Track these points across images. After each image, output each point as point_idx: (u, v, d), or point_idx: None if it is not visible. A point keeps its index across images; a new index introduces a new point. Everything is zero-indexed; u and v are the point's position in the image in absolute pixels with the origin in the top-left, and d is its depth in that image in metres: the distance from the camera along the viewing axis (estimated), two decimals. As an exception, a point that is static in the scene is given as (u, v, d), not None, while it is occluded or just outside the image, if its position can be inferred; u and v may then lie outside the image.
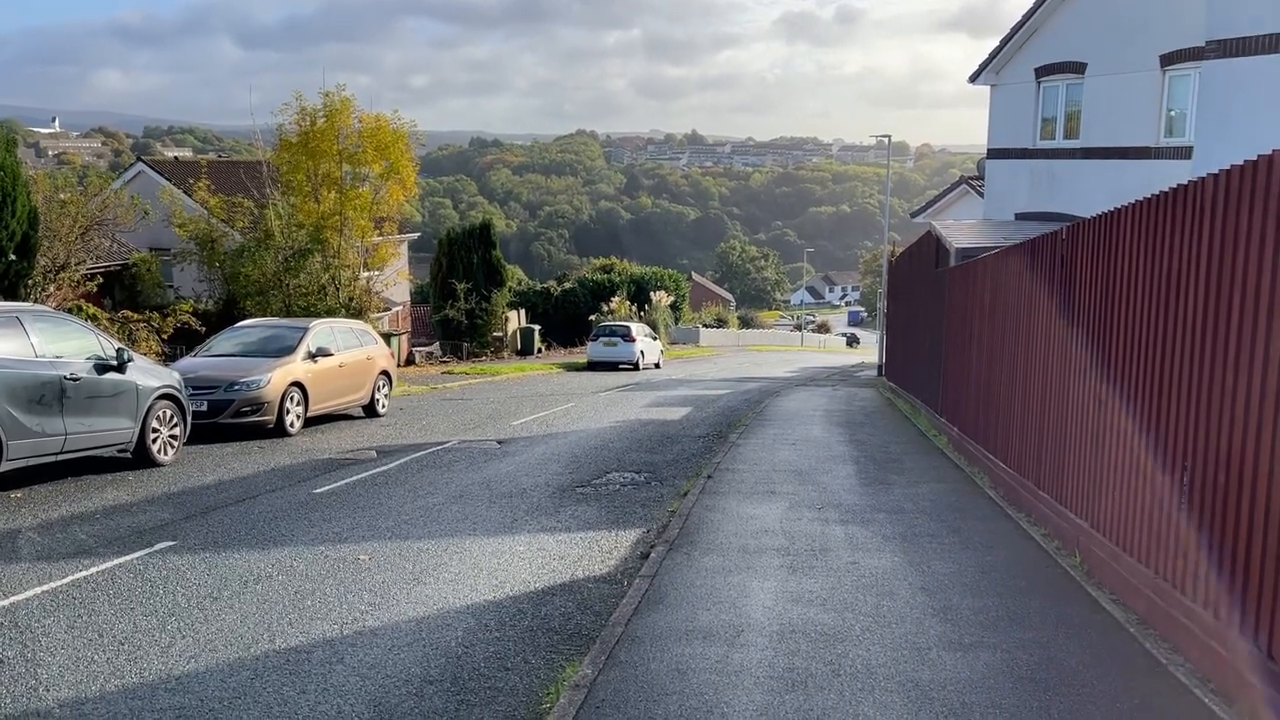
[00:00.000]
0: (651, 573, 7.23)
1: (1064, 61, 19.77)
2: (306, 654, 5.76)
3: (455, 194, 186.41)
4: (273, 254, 24.28)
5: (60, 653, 5.73)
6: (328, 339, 16.60)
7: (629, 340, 34.07)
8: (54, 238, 20.68)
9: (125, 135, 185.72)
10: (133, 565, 7.59)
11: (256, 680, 5.36)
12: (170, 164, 35.57)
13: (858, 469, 12.03)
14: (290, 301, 24.23)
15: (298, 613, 6.51)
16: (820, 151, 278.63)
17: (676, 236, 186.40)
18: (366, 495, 10.49)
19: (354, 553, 8.07)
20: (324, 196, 25.49)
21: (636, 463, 12.81)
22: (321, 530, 8.85)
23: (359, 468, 12.21)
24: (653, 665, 5.38)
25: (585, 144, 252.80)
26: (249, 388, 14.51)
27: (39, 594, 6.82)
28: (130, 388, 11.50)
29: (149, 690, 5.21)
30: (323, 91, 25.43)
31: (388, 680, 5.38)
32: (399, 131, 26.30)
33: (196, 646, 5.87)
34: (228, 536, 8.56)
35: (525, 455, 13.43)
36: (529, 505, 10.09)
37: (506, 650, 5.90)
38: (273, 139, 26.65)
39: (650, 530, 9.02)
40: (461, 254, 38.29)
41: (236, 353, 15.80)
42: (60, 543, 8.23)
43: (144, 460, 11.85)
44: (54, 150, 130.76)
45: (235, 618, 6.40)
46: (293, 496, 10.37)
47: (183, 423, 12.54)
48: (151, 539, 8.40)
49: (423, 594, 6.99)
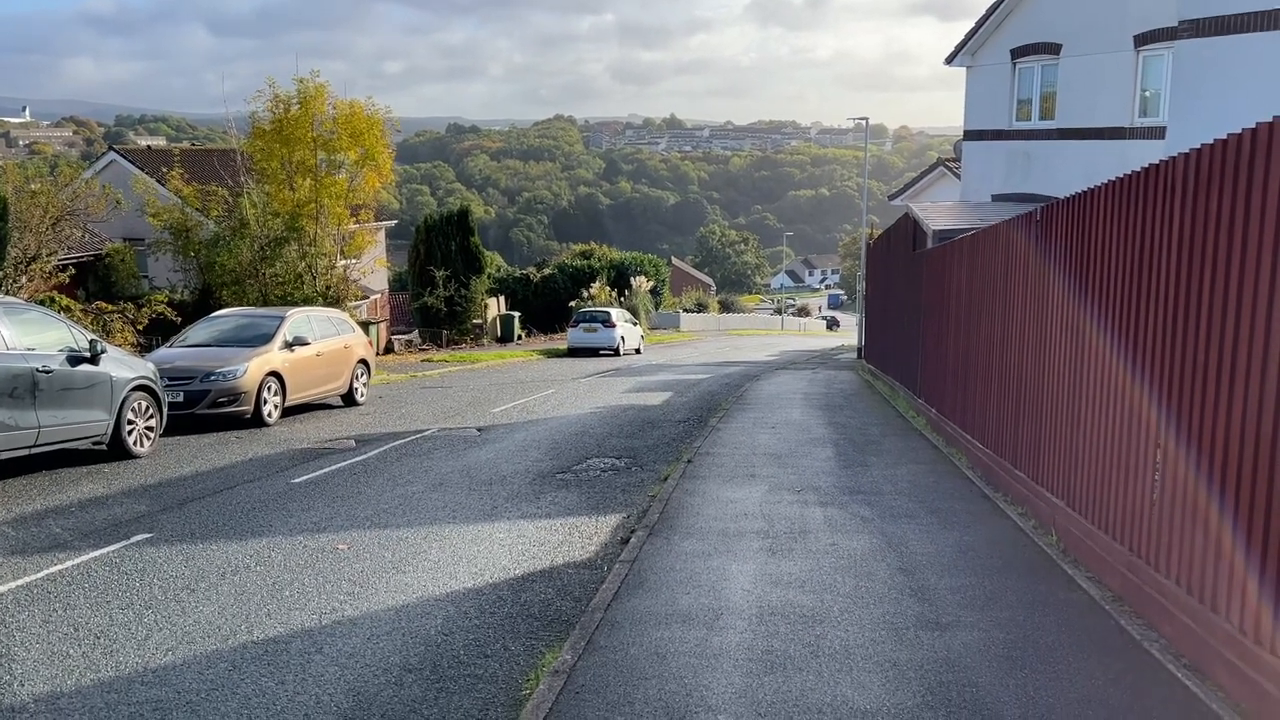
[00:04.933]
0: (631, 558, 7.24)
1: (1039, 43, 19.82)
2: (285, 644, 5.73)
3: (433, 181, 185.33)
4: (248, 243, 24.05)
5: (35, 647, 5.68)
6: (305, 328, 16.48)
7: (609, 326, 34.01)
8: (24, 228, 20.41)
9: (97, 124, 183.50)
10: (108, 558, 7.53)
11: (234, 672, 5.33)
12: (143, 153, 35.15)
13: (837, 451, 12.07)
14: (267, 290, 24.03)
15: (276, 603, 6.48)
16: (799, 135, 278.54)
17: (656, 221, 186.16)
18: (345, 484, 10.44)
19: (332, 542, 8.04)
20: (299, 184, 25.25)
21: (617, 448, 12.81)
22: (300, 520, 8.81)
23: (337, 457, 12.15)
24: (632, 650, 5.39)
25: (563, 129, 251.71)
26: (225, 378, 14.40)
27: (13, 589, 6.75)
28: (104, 379, 11.39)
29: (125, 684, 5.18)
30: (296, 78, 25.17)
31: (366, 669, 5.36)
32: (373, 118, 26.06)
33: (174, 639, 5.83)
34: (205, 528, 8.51)
35: (505, 442, 13.40)
36: (509, 492, 10.08)
37: (486, 637, 5.89)
38: (246, 127, 26.35)
39: (630, 515, 9.02)
40: (440, 241, 38.08)
41: (213, 343, 15.66)
42: (34, 537, 8.16)
43: (119, 452, 11.75)
44: (24, 140, 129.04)
45: (213, 609, 6.36)
46: (271, 487, 10.31)
47: (158, 414, 12.44)
48: (128, 531, 8.33)
49: (402, 582, 6.97)
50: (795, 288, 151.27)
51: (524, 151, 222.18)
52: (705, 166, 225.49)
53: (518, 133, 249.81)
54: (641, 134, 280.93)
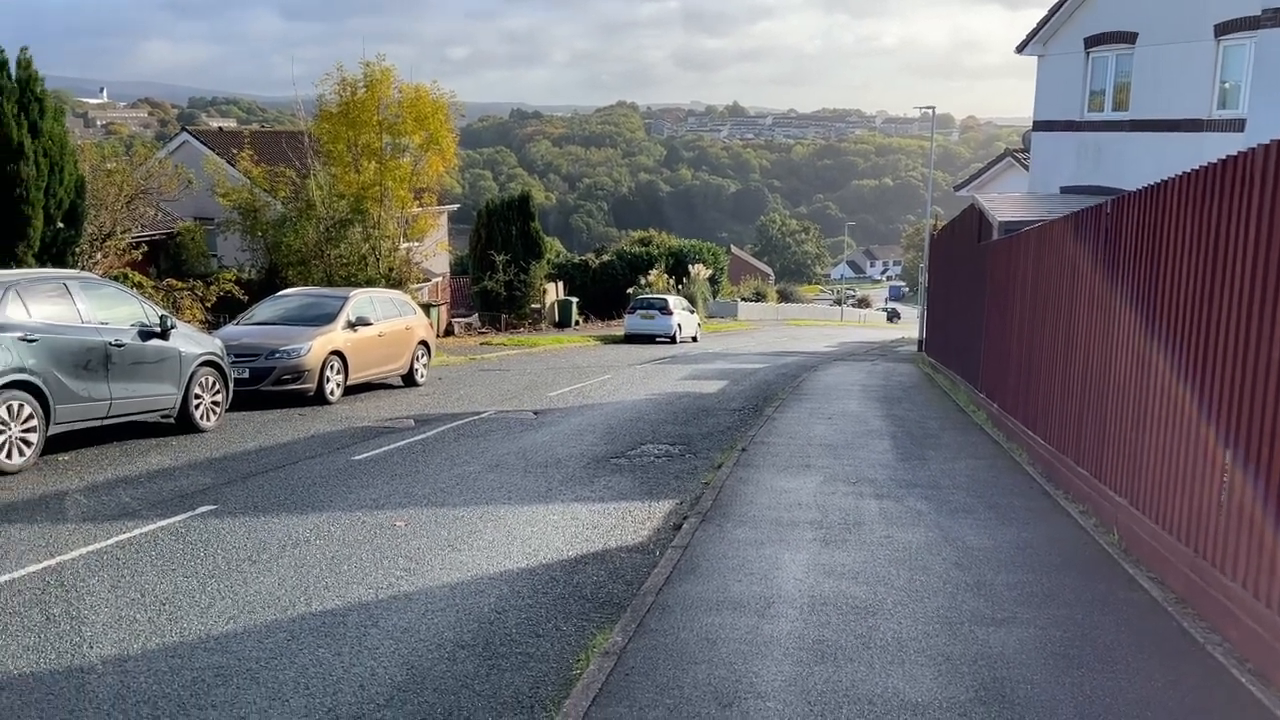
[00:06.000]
0: (684, 543, 7.25)
1: (1114, 31, 19.30)
2: (342, 617, 5.85)
3: (495, 166, 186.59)
4: (314, 224, 24.47)
5: (104, 611, 5.87)
6: (367, 308, 16.74)
7: (666, 313, 33.99)
8: (100, 206, 20.98)
9: (171, 106, 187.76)
10: (175, 528, 7.75)
11: (293, 642, 5.45)
12: (214, 134, 35.91)
13: (894, 444, 11.95)
14: (331, 271, 24.44)
15: (334, 577, 6.61)
16: (863, 124, 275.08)
17: (716, 209, 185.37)
18: (404, 463, 10.60)
19: (390, 519, 8.17)
20: (364, 167, 25.59)
21: (671, 435, 12.82)
22: (359, 496, 8.97)
23: (397, 436, 12.34)
24: (683, 634, 5.41)
25: (625, 115, 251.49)
26: (290, 355, 14.69)
27: (84, 554, 6.98)
28: (174, 354, 11.69)
29: (189, 649, 5.33)
30: (363, 62, 25.49)
31: (421, 644, 5.46)
32: (438, 102, 26.30)
33: (235, 608, 5.98)
34: (267, 501, 8.71)
35: (561, 426, 13.49)
36: (564, 475, 10.15)
37: (538, 617, 5.96)
38: (314, 110, 26.78)
39: (683, 502, 9.03)
40: (500, 226, 38.36)
41: (278, 321, 15.98)
42: (105, 505, 8.42)
43: (187, 426, 12.06)
44: (101, 120, 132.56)
45: (273, 580, 6.51)
46: (331, 463, 10.51)
47: (225, 389, 12.73)
48: (193, 503, 8.56)
49: (457, 560, 7.07)
50: (856, 279, 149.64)
51: (585, 138, 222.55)
52: (767, 154, 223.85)
53: (580, 119, 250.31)
54: (703, 121, 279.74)
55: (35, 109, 17.18)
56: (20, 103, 17.02)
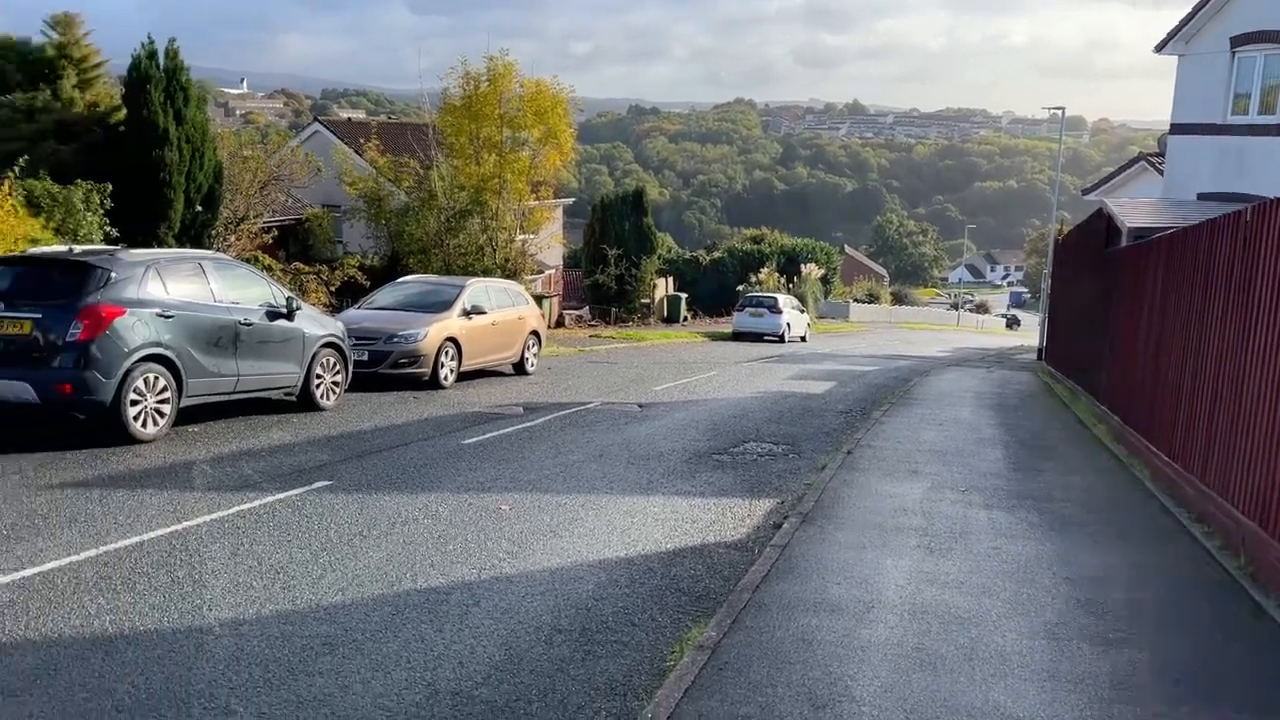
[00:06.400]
0: (783, 543, 7.19)
1: (1264, 30, 18.24)
2: (445, 595, 6.01)
3: (611, 161, 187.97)
4: (435, 214, 25.15)
5: (223, 576, 6.17)
6: (482, 297, 17.10)
7: (775, 312, 33.71)
8: (236, 191, 22.00)
9: (305, 97, 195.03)
10: (292, 501, 8.07)
11: (398, 616, 5.63)
12: (344, 125, 37.19)
13: (1007, 453, 11.60)
14: (449, 260, 25.07)
15: (440, 555, 6.80)
16: (989, 124, 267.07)
17: (831, 208, 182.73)
18: (511, 449, 10.81)
19: (496, 502, 8.35)
20: (484, 159, 26.16)
21: (775, 434, 12.72)
22: (467, 479, 9.18)
23: (505, 422, 12.58)
24: (778, 633, 5.37)
25: (743, 113, 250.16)
26: (407, 340, 15.13)
27: (207, 522, 7.34)
28: (298, 335, 12.16)
29: (300, 618, 5.56)
30: (486, 56, 26.06)
31: (519, 626, 5.56)
32: (558, 97, 26.69)
33: (344, 580, 6.21)
34: (380, 479, 9.00)
35: (665, 420, 13.53)
36: (665, 468, 10.19)
37: (634, 606, 6.00)
38: (439, 102, 27.50)
39: (785, 501, 8.96)
40: (614, 220, 38.69)
41: (397, 307, 16.47)
42: (229, 476, 8.83)
43: (307, 404, 12.53)
44: (240, 110, 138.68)
45: (382, 556, 6.73)
46: (442, 446, 10.79)
47: (345, 370, 13.19)
48: (310, 478, 8.90)
49: (558, 546, 7.17)
50: (975, 283, 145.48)
51: (702, 134, 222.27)
52: (886, 154, 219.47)
53: (697, 115, 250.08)
54: (822, 119, 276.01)
55: (180, 97, 18.10)
56: (167, 91, 17.96)
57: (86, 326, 9.50)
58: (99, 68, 19.51)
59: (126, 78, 18.54)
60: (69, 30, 19.11)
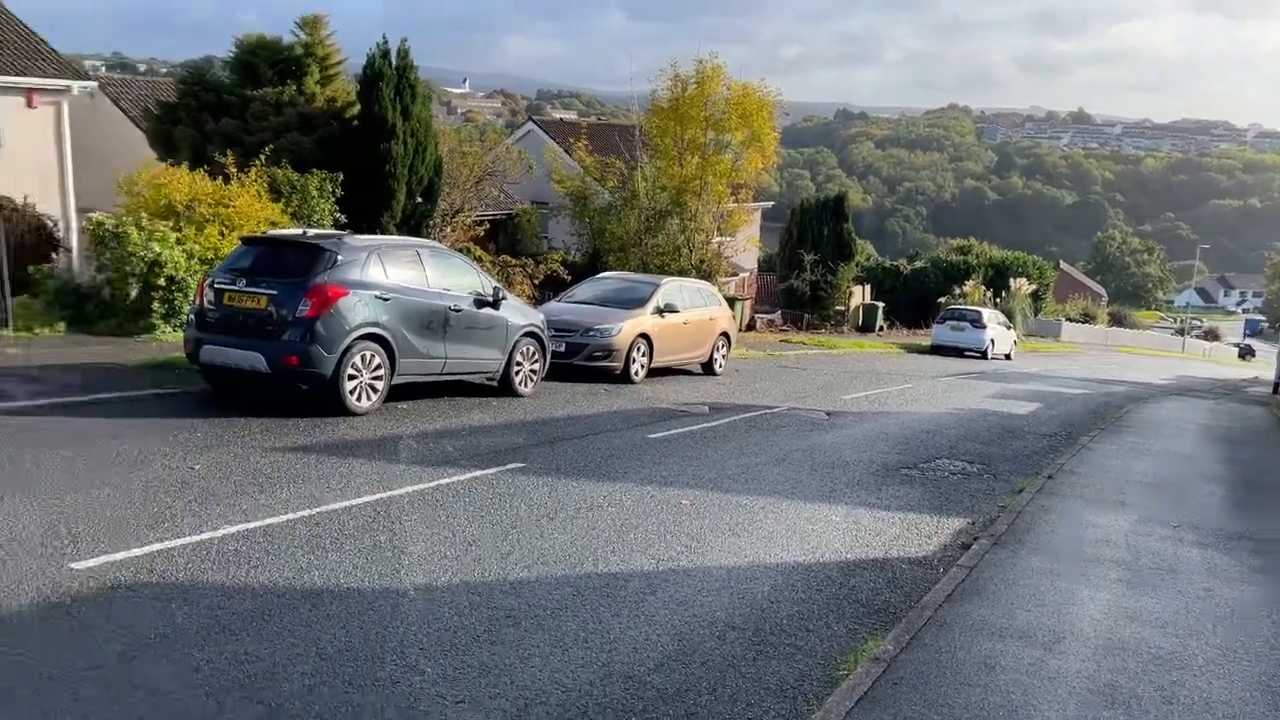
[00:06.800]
0: (971, 564, 6.94)
1: None
2: (624, 581, 6.16)
3: (814, 166, 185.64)
4: (636, 213, 25.65)
5: (420, 544, 6.55)
6: (676, 296, 17.32)
7: (979, 326, 32.36)
8: (453, 185, 23.21)
9: (521, 97, 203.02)
10: (487, 479, 8.47)
11: (578, 597, 5.82)
12: (556, 124, 38.54)
13: (1229, 491, 10.71)
14: (647, 259, 25.51)
15: (620, 542, 6.96)
16: (1231, 137, 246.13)
17: (1047, 221, 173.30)
18: (695, 446, 10.91)
19: (677, 497, 8.46)
20: (687, 161, 26.45)
21: (970, 453, 12.25)
22: (651, 472, 9.35)
23: (691, 420, 12.70)
24: (959, 654, 5.19)
25: (956, 119, 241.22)
26: (602, 335, 15.52)
27: (409, 493, 7.81)
28: (502, 323, 12.71)
29: (487, 589, 5.83)
30: (696, 60, 26.32)
31: (693, 618, 5.63)
32: (764, 100, 26.64)
33: (530, 558, 6.47)
34: (569, 466, 9.29)
35: (852, 429, 13.29)
36: (849, 478, 10.01)
37: (810, 612, 5.95)
38: (646, 104, 28.02)
39: (975, 522, 8.62)
40: (812, 225, 38.23)
41: (595, 301, 16.92)
42: (431, 452, 9.35)
43: (506, 390, 13.07)
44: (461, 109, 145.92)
45: (566, 538, 6.96)
46: (629, 438, 11.02)
47: (543, 359, 13.67)
48: (505, 459, 9.30)
49: (736, 545, 7.20)
50: (1204, 308, 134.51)
51: (911, 140, 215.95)
52: (1111, 166, 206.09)
53: (907, 121, 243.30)
54: (1042, 127, 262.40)
55: (408, 94, 19.29)
56: (397, 88, 19.17)
57: (314, 304, 10.27)
58: (339, 65, 21.05)
59: (362, 75, 19.92)
60: (315, 30, 20.72)
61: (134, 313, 13.88)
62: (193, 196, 14.95)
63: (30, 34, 19.88)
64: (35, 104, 19.36)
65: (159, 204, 14.77)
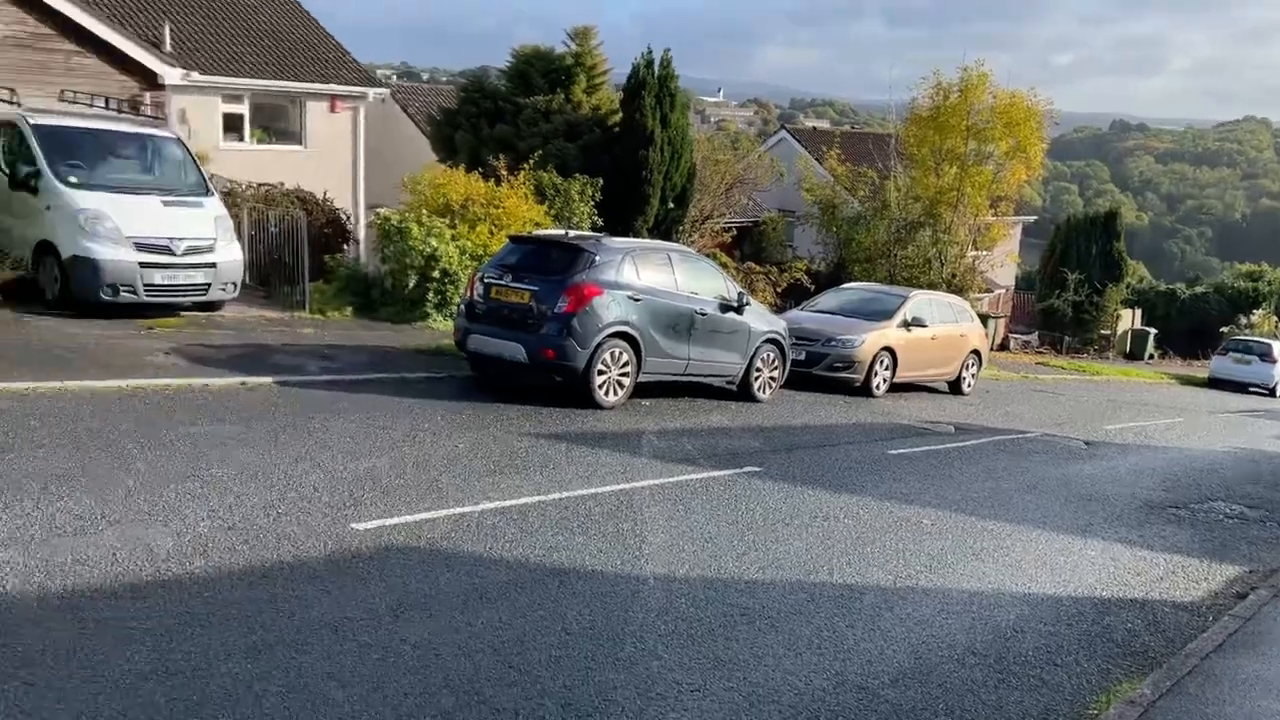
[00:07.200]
0: (1247, 615, 6.35)
1: None
2: (859, 594, 6.10)
3: (1083, 180, 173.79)
4: (886, 224, 25.12)
5: (659, 536, 6.77)
6: (925, 310, 16.81)
7: (1268, 360, 29.26)
8: (704, 191, 23.64)
9: (774, 106, 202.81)
10: (723, 480, 8.60)
11: (812, 603, 5.83)
12: (808, 133, 38.34)
13: None
14: (895, 271, 24.90)
15: (856, 555, 6.89)
16: None
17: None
18: (937, 466, 10.58)
19: (917, 516, 8.25)
20: (944, 171, 25.59)
21: (1251, 496, 11.14)
22: (890, 488, 9.16)
23: (934, 439, 12.32)
24: (1227, 709, 4.79)
25: (1252, 132, 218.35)
26: (844, 345, 15.32)
27: (649, 485, 8.07)
28: (744, 329, 12.84)
29: (723, 586, 5.96)
30: (960, 67, 25.42)
31: (932, 639, 5.50)
32: (1032, 109, 25.33)
33: (765, 560, 6.53)
34: (805, 474, 9.27)
35: (1113, 462, 12.42)
36: (1108, 513, 9.37)
37: (1058, 647, 5.66)
38: (904, 113, 27.37)
39: (1254, 571, 7.86)
40: (1078, 242, 35.94)
41: (837, 312, 16.72)
42: (670, 449, 9.60)
43: (745, 394, 13.16)
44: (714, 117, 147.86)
45: (801, 545, 6.97)
46: (868, 452, 10.84)
47: (783, 367, 13.68)
48: (741, 462, 9.40)
49: (979, 570, 6.95)
50: None
51: (1197, 155, 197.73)
52: None
53: (1193, 134, 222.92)
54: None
55: (668, 103, 19.86)
56: (657, 97, 19.78)
57: (571, 301, 10.81)
58: (604, 75, 21.98)
59: (625, 84, 20.69)
60: (585, 41, 21.74)
61: (411, 302, 15.09)
62: (467, 196, 16.07)
63: (336, 46, 22.11)
64: (337, 109, 21.52)
65: (438, 202, 15.98)
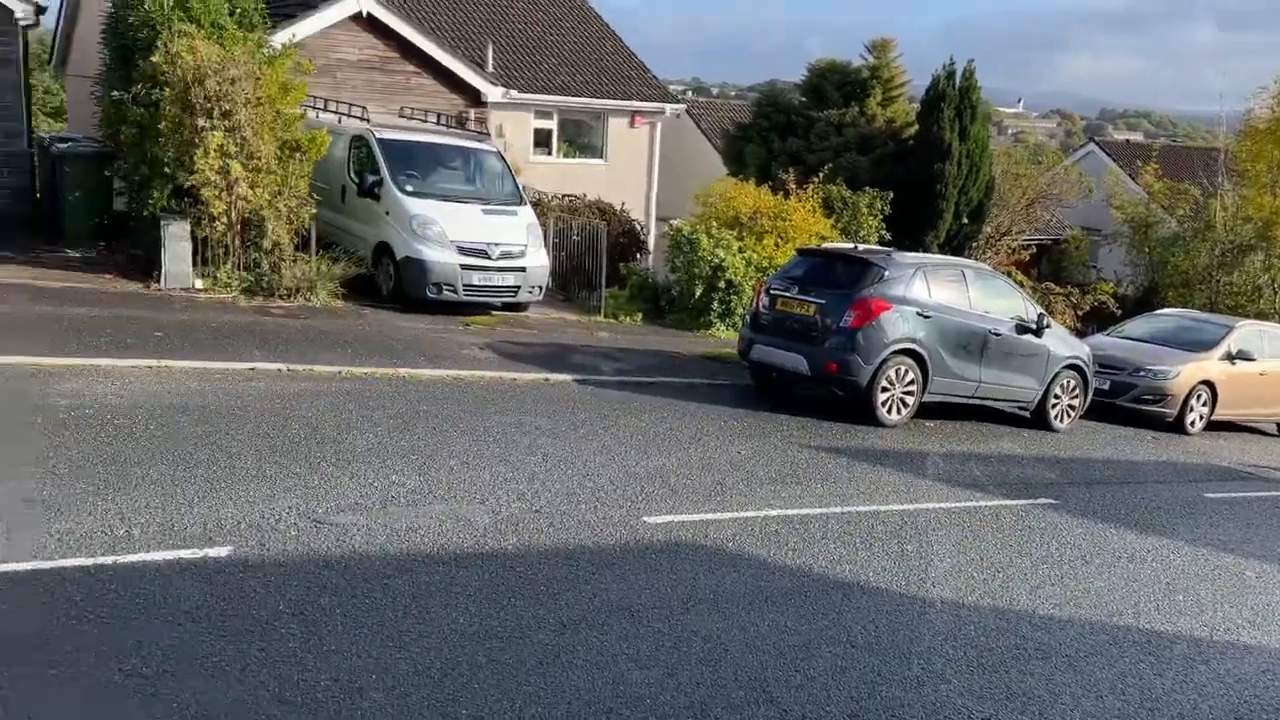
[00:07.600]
0: None
1: None
2: (1169, 643, 5.66)
3: None
4: (1208, 246, 22.87)
5: (946, 560, 6.59)
6: (1254, 343, 15.14)
7: None
8: (1002, 206, 22.56)
9: (1079, 117, 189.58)
10: (1015, 510, 8.22)
11: (1114, 646, 5.48)
12: (1120, 146, 35.59)
13: None
14: (1216, 299, 22.60)
15: (1166, 602, 6.38)
16: None
17: None
18: (1265, 514, 9.53)
19: (1239, 566, 7.50)
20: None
21: None
22: (1205, 534, 8.38)
23: (1261, 485, 11.12)
24: None
25: None
26: (1155, 376, 14.11)
27: (935, 509, 7.86)
28: (1043, 352, 12.14)
29: (1015, 618, 5.72)
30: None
31: (1255, 700, 5.02)
32: (1407, 118, 22.18)
33: (1062, 597, 6.20)
34: (1106, 510, 8.66)
35: None
36: None
37: None
38: (1237, 126, 24.80)
39: None
40: None
41: (1148, 339, 15.41)
42: (957, 472, 9.28)
43: (1040, 422, 12.43)
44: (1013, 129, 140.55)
45: (1102, 584, 6.55)
46: (1179, 493, 9.96)
47: (1084, 395, 12.80)
48: (1035, 492, 8.93)
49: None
50: None
51: None
52: None
53: None
54: None
55: (968, 115, 19.19)
56: (957, 109, 19.17)
57: (857, 315, 10.70)
58: (901, 87, 21.54)
59: (924, 96, 20.18)
60: (883, 53, 21.43)
61: (696, 310, 15.53)
62: (755, 209, 16.32)
63: (638, 64, 23.14)
64: (636, 124, 22.52)
65: (727, 215, 16.34)
